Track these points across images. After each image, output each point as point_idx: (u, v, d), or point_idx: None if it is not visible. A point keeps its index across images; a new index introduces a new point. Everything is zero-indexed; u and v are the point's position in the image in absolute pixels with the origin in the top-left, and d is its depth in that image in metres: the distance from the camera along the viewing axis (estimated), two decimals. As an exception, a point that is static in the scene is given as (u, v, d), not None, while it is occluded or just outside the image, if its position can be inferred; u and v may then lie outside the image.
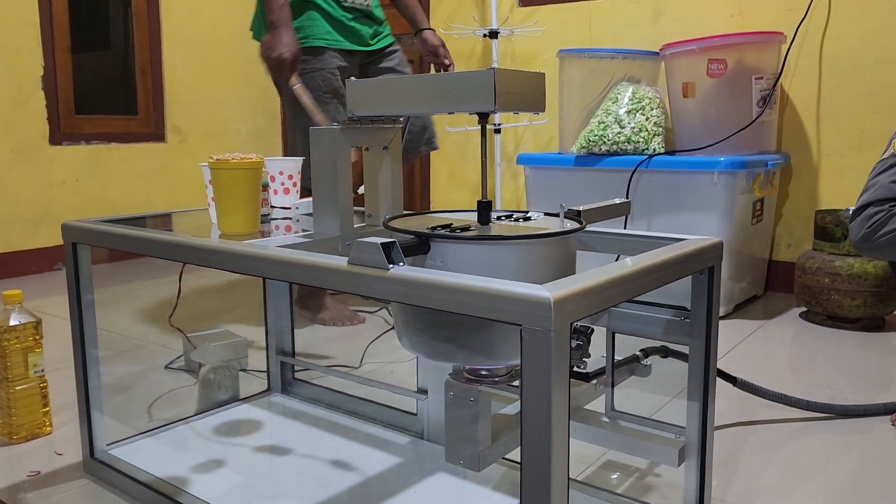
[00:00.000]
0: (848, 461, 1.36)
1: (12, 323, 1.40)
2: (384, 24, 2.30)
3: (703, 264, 0.94)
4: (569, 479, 0.72)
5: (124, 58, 3.49)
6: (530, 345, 0.67)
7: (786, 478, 1.29)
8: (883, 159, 1.44)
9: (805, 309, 2.38)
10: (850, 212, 1.45)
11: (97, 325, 1.26)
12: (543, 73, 0.93)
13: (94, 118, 3.34)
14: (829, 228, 2.31)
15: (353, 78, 1.02)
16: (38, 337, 1.43)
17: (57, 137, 3.16)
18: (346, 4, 2.14)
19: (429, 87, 0.92)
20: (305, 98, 1.87)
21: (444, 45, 2.29)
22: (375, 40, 2.25)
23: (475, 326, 0.85)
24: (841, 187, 2.59)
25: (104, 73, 3.46)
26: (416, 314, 0.89)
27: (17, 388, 1.41)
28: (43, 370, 1.45)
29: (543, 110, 0.93)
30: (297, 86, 1.90)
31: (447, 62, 2.28)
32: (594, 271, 0.75)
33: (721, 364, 1.87)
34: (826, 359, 1.96)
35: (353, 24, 2.16)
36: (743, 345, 2.08)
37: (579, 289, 0.69)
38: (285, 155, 4.09)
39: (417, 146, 2.31)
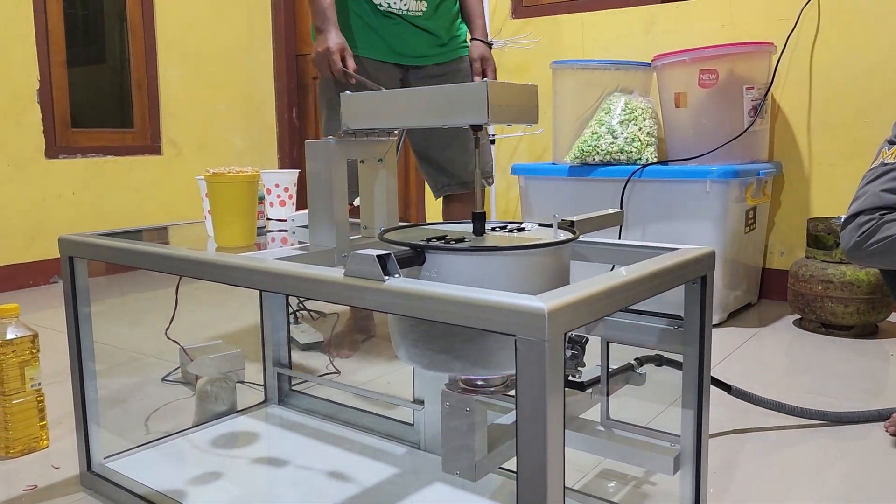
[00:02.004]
0: (842, 468, 1.36)
1: (9, 336, 1.40)
2: (449, 38, 2.09)
3: (695, 273, 0.95)
4: (565, 488, 0.73)
5: (120, 71, 3.50)
6: (525, 355, 0.68)
7: (781, 485, 1.30)
8: (873, 168, 1.45)
9: (799, 316, 2.40)
10: (842, 220, 1.46)
11: (94, 337, 1.26)
12: (535, 86, 0.94)
13: (90, 131, 3.35)
14: (821, 236, 2.32)
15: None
16: (34, 350, 1.43)
17: (53, 151, 3.17)
18: (381, 8, 1.96)
19: (422, 100, 0.93)
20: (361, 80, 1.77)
21: (483, 60, 2.11)
22: (425, 54, 2.06)
23: (471, 337, 0.86)
24: (832, 195, 2.61)
25: (100, 86, 3.47)
26: (413, 325, 0.90)
27: (14, 401, 1.41)
28: (40, 384, 1.45)
29: (536, 122, 0.95)
30: (352, 74, 1.83)
31: (476, 78, 2.11)
32: (587, 281, 0.76)
33: (716, 372, 1.88)
34: (820, 366, 1.97)
35: (389, 32, 1.99)
36: (737, 353, 2.09)
37: (573, 299, 0.70)
38: (281, 168, 4.10)
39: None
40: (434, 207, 3.57)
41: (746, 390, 1.52)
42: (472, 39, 2.14)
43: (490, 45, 2.16)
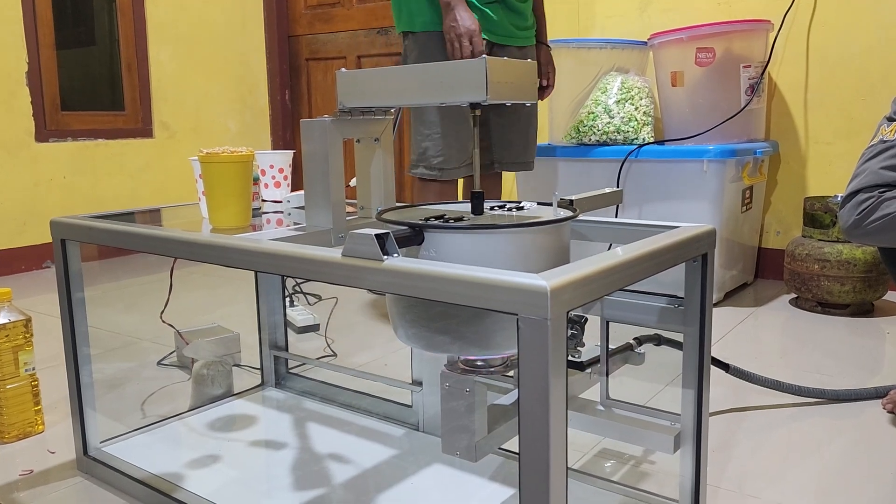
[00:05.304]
0: (840, 445, 1.37)
1: (1, 321, 1.38)
2: (530, 23, 2.11)
3: (696, 251, 0.94)
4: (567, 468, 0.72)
5: (110, 53, 3.46)
6: (527, 334, 0.67)
7: (779, 462, 1.30)
8: (872, 146, 1.44)
9: (795, 295, 2.40)
10: (840, 199, 1.46)
11: (88, 322, 1.25)
12: (535, 62, 0.93)
13: (81, 114, 3.31)
14: (817, 215, 2.32)
15: None
16: (28, 335, 1.42)
17: (43, 134, 3.13)
18: None
19: (420, 78, 0.92)
20: None
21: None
22: (511, 35, 2.05)
23: (471, 317, 0.85)
24: (829, 174, 2.60)
25: (90, 68, 3.43)
26: (412, 306, 0.89)
27: (8, 386, 1.40)
28: (34, 368, 1.44)
29: (535, 99, 0.93)
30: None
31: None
32: (589, 260, 0.75)
33: (713, 351, 1.88)
34: (816, 344, 1.98)
35: (485, 8, 1.97)
36: (734, 332, 2.09)
37: (575, 277, 0.69)
38: (275, 149, 4.07)
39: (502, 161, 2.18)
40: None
41: (744, 369, 1.52)
42: (538, 43, 2.16)
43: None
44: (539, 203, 1.02)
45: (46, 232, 1.23)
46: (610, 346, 1.08)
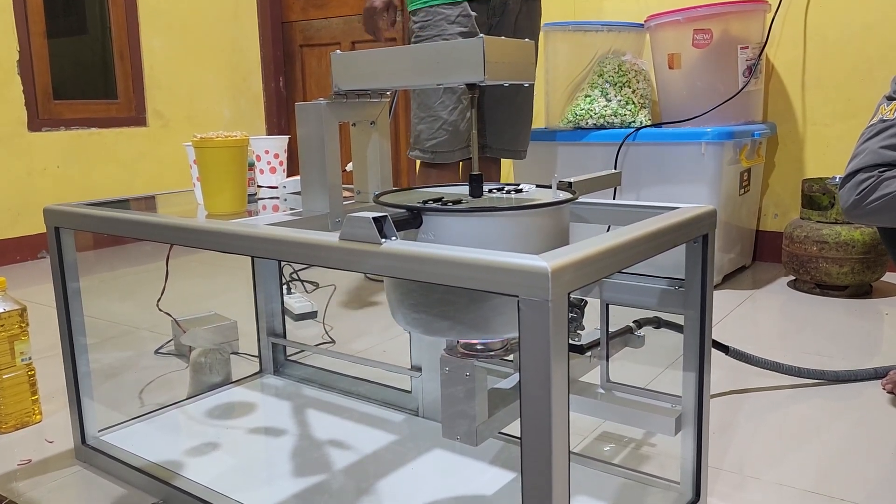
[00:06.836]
0: (839, 425, 1.37)
1: (-3, 311, 1.37)
2: None
3: (697, 232, 0.93)
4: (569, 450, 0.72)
5: (102, 42, 3.42)
6: (528, 316, 0.66)
7: (779, 443, 1.30)
8: (871, 125, 1.43)
9: (793, 278, 2.40)
10: (839, 179, 1.45)
11: (84, 311, 1.24)
12: (532, 42, 0.92)
13: (73, 103, 3.28)
14: (816, 197, 2.31)
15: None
16: (23, 324, 1.41)
17: (36, 124, 3.11)
18: None
19: (416, 59, 0.90)
20: None
21: None
22: None
23: (471, 300, 0.85)
24: (826, 156, 2.59)
25: (82, 57, 3.39)
26: (411, 289, 0.88)
27: (5, 376, 1.39)
28: (30, 358, 1.43)
29: (533, 80, 0.92)
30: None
31: None
32: (590, 241, 0.74)
33: (712, 334, 1.87)
34: (815, 326, 1.97)
35: None
36: (733, 315, 2.09)
37: (576, 258, 0.69)
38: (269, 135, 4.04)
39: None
40: (425, 175, 3.53)
41: (744, 351, 1.52)
42: None
43: None
44: (538, 185, 1.01)
45: (40, 222, 1.22)
46: (610, 330, 1.08)
